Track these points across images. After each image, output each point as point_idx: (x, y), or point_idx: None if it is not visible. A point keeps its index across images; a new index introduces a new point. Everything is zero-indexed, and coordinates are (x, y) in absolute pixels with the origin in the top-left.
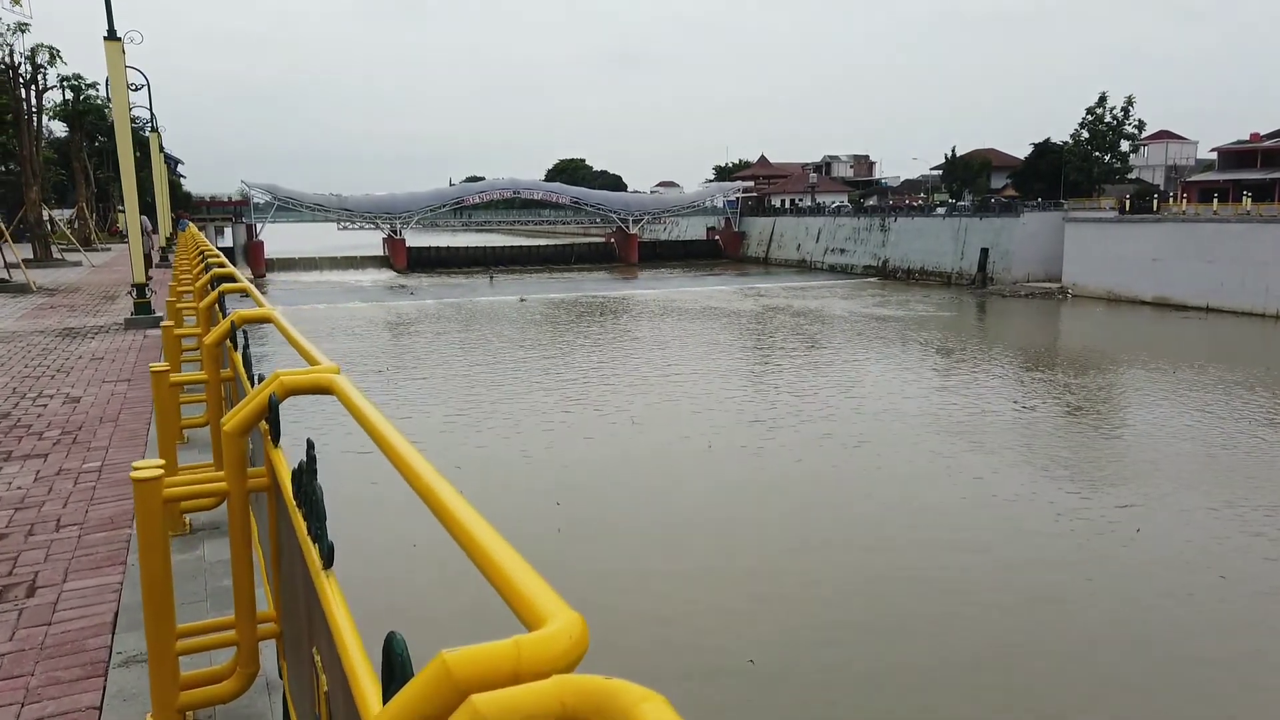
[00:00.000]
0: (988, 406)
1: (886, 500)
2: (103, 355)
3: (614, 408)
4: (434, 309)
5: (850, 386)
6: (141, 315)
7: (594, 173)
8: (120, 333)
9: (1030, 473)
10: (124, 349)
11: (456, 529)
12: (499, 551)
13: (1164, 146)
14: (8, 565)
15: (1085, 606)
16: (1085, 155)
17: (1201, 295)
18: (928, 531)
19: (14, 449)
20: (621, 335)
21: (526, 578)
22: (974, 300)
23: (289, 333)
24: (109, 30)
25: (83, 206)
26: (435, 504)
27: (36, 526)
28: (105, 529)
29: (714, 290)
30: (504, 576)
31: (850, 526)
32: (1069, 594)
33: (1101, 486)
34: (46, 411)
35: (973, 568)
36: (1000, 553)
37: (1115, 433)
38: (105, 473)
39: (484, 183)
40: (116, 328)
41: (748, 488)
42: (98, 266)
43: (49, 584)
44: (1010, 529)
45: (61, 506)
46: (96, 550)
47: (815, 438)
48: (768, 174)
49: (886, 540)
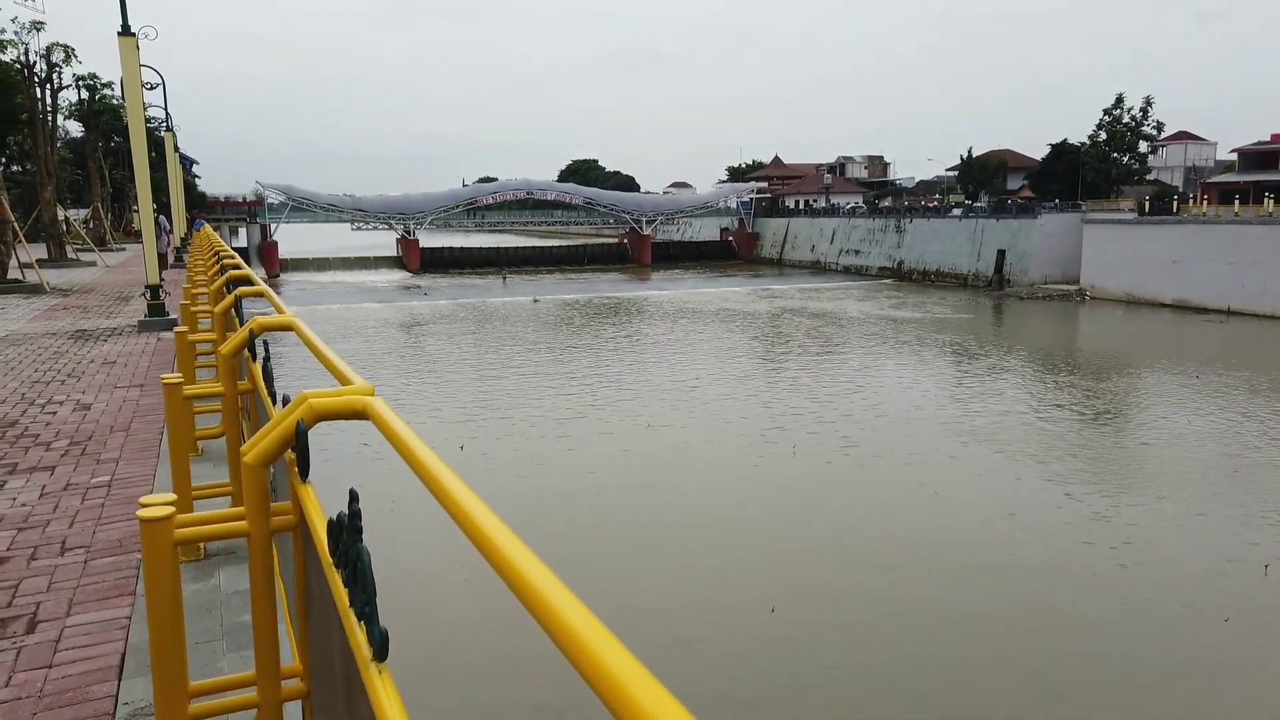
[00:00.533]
0: (1016, 413)
1: (937, 515)
2: (115, 359)
3: (630, 413)
4: (447, 309)
5: (871, 392)
6: (155, 318)
7: (606, 173)
8: (134, 335)
9: (1080, 486)
10: (137, 353)
11: (531, 600)
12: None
13: (1183, 147)
14: (7, 595)
15: None
16: (1103, 156)
17: (1222, 298)
18: (984, 554)
19: (20, 461)
20: (637, 337)
21: None
22: (991, 302)
23: (315, 345)
24: (123, 25)
25: (98, 206)
26: (493, 555)
27: (40, 550)
28: (113, 552)
29: (728, 291)
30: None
31: (898, 548)
32: None
33: (1168, 500)
34: (55, 420)
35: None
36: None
37: (1155, 441)
38: (114, 488)
39: (497, 183)
40: (130, 330)
41: (774, 494)
42: (112, 267)
43: (51, 618)
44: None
45: (67, 527)
46: (103, 578)
47: (839, 445)
48: (782, 175)
49: (940, 564)
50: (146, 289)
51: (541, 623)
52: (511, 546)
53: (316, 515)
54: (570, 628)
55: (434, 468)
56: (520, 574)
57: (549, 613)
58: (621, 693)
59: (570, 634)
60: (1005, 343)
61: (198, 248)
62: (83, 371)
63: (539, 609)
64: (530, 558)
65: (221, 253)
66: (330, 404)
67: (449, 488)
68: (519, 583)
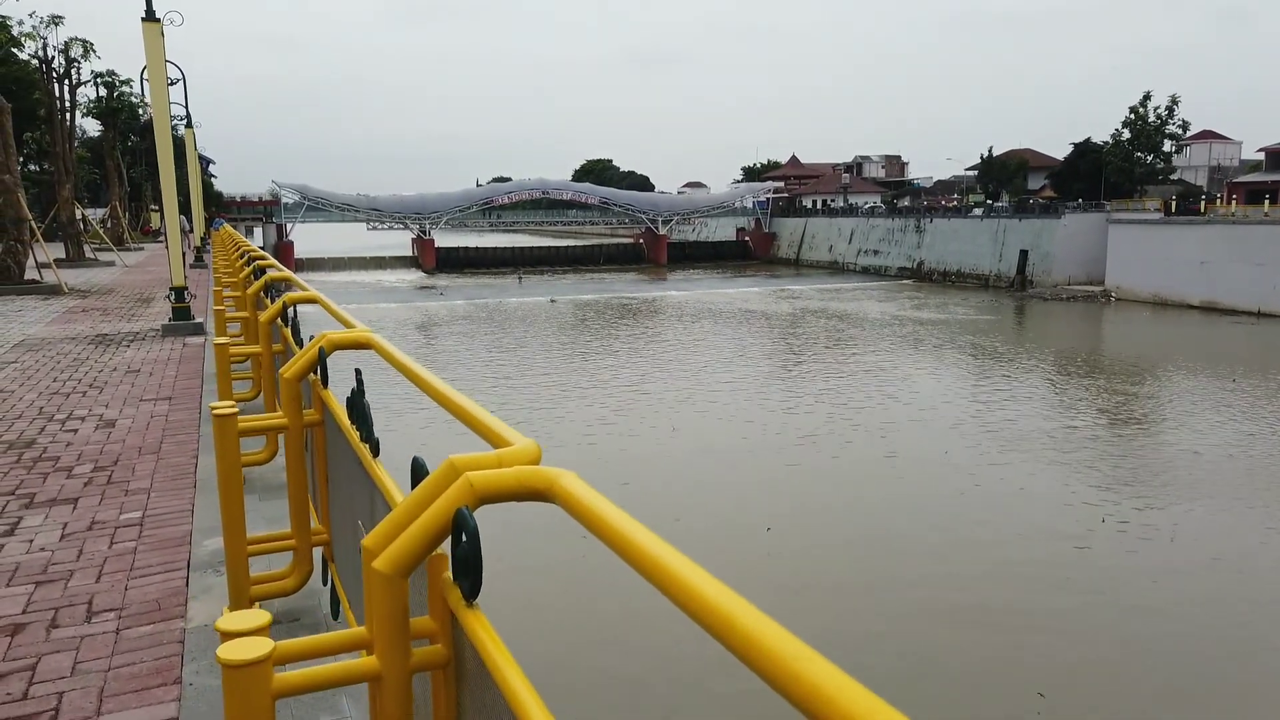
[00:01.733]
0: (1055, 419)
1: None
2: (139, 367)
3: (659, 418)
4: (464, 310)
5: (906, 397)
6: (180, 321)
7: (621, 173)
8: (157, 340)
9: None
10: (162, 360)
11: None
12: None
13: (1207, 147)
14: (22, 680)
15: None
16: (1127, 155)
17: (1253, 299)
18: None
19: (38, 491)
20: (658, 339)
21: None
22: (1015, 303)
23: (333, 309)
24: (147, 10)
25: (116, 205)
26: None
27: (62, 614)
28: (151, 617)
29: (747, 292)
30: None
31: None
32: None
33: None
34: (77, 439)
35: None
36: None
37: (1211, 452)
38: (147, 527)
39: (513, 183)
40: (153, 334)
41: (816, 506)
42: (131, 266)
43: (78, 718)
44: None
45: (94, 580)
46: (140, 656)
47: (879, 455)
48: (799, 174)
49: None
50: (171, 290)
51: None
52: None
53: (337, 408)
54: (442, 392)
55: (425, 376)
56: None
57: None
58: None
59: (441, 395)
60: (1036, 346)
61: (220, 247)
62: (105, 381)
63: None
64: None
65: (251, 252)
66: (343, 338)
67: (435, 386)
68: None
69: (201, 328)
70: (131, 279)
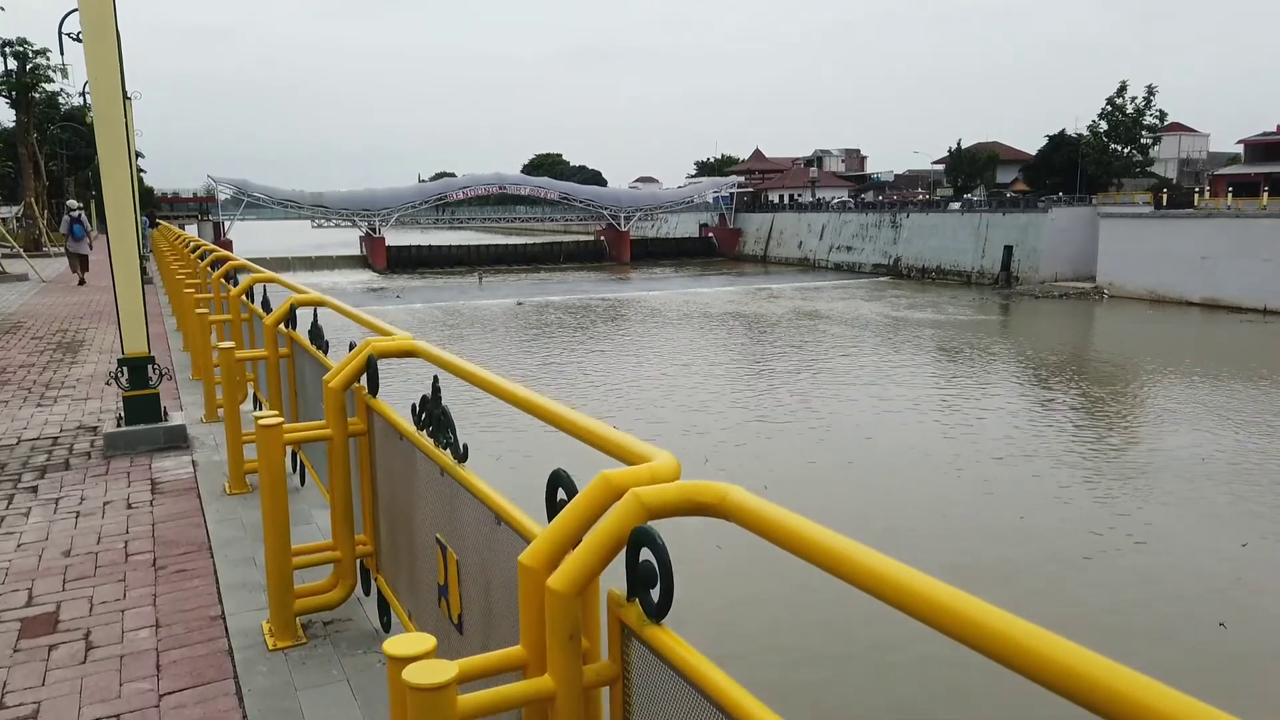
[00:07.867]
0: (1093, 432)
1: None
2: (49, 594)
3: (697, 451)
4: (425, 313)
5: (926, 404)
6: (139, 425)
7: (572, 168)
8: (96, 472)
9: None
10: (111, 534)
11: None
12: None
13: (1176, 139)
14: None
15: None
16: (1103, 148)
17: (1259, 296)
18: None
19: None
20: (642, 345)
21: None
22: (1004, 302)
23: (350, 312)
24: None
25: (31, 202)
26: (535, 410)
27: None
28: None
29: (722, 291)
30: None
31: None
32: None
33: None
34: None
35: None
36: None
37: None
38: None
39: (468, 177)
40: (85, 454)
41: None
42: (50, 282)
43: None
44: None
45: None
46: None
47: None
48: (762, 168)
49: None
50: (119, 367)
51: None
52: (528, 392)
53: (391, 415)
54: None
55: (480, 373)
56: (543, 408)
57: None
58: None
59: (569, 422)
60: (1040, 348)
61: (163, 253)
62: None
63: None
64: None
65: (218, 254)
66: (387, 345)
67: (493, 381)
68: (543, 413)
69: (184, 434)
70: (49, 303)
